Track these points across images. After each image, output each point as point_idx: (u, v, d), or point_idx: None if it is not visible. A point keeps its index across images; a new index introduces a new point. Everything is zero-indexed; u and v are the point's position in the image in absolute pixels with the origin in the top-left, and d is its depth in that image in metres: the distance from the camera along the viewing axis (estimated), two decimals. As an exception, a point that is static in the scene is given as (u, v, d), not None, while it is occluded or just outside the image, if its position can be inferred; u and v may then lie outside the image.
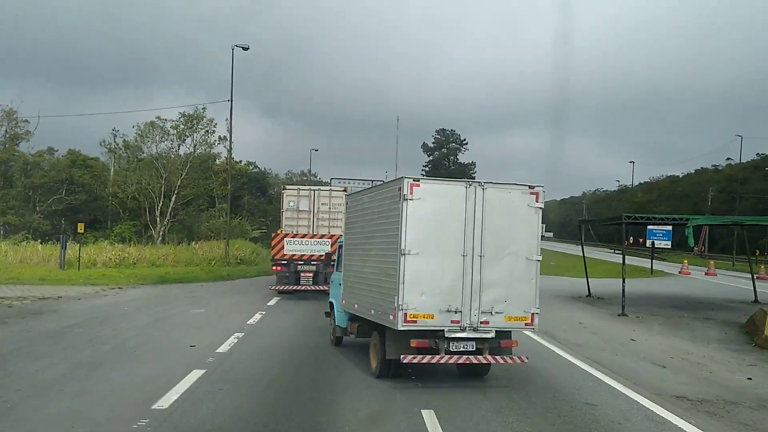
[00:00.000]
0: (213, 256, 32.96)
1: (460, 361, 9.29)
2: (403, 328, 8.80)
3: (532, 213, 9.46)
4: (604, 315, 19.48)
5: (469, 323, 9.04)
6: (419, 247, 8.89)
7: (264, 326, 14.72)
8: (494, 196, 9.25)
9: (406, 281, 8.83)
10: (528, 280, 9.50)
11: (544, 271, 32.13)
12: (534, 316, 9.50)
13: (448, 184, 9.64)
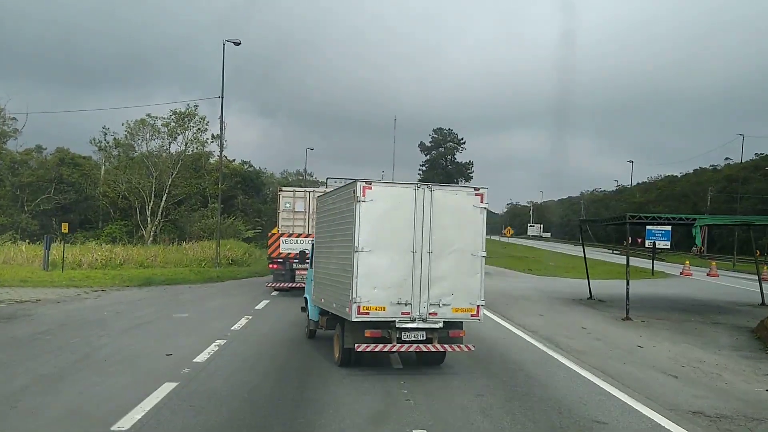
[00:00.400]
0: (203, 257, 32.08)
1: (411, 350, 10.02)
2: (357, 319, 9.58)
3: (477, 213, 10.14)
4: (608, 319, 18.64)
5: (419, 314, 9.81)
6: (372, 244, 9.64)
7: (248, 332, 13.84)
8: (441, 197, 10.03)
9: (360, 276, 9.56)
10: (474, 274, 10.26)
11: (544, 273, 31.32)
12: (479, 308, 10.36)
13: (398, 187, 10.30)
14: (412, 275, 9.78)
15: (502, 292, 25.49)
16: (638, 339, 14.97)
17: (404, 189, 10.08)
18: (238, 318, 15.55)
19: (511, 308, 20.13)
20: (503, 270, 41.77)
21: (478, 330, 15.22)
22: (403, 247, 9.80)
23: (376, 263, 9.67)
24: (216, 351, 11.47)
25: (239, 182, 52.75)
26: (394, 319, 9.72)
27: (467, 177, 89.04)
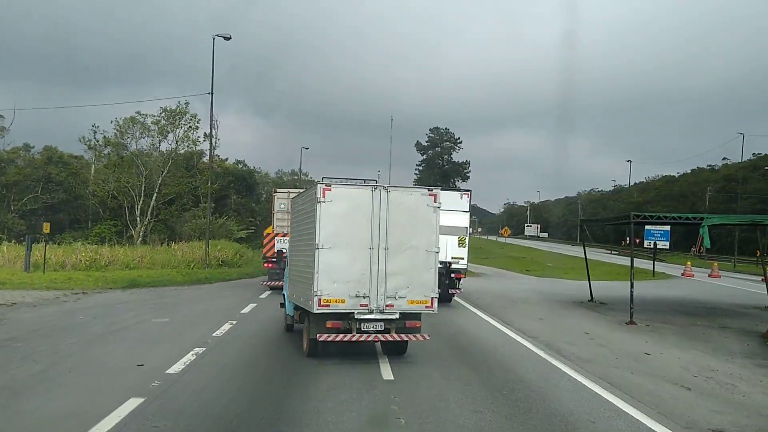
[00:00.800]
0: (193, 258, 31.17)
1: (369, 339, 10.67)
2: (318, 311, 10.30)
3: (430, 212, 10.87)
4: (611, 323, 17.81)
5: (376, 306, 10.48)
6: (332, 242, 10.36)
7: (230, 339, 12.96)
8: (397, 197, 10.72)
9: (320, 271, 10.28)
10: (428, 269, 10.76)
11: (542, 274, 30.48)
12: (433, 300, 10.79)
13: (356, 188, 10.89)
14: (370, 270, 10.48)
15: (500, 295, 24.68)
16: (644, 345, 14.14)
17: (362, 190, 10.78)
18: (222, 323, 14.67)
19: (510, 312, 19.30)
20: (501, 271, 41.00)
21: (475, 336, 14.45)
22: (362, 244, 10.49)
23: (336, 259, 10.39)
24: (192, 361, 10.60)
25: (232, 182, 51.80)
26: (353, 311, 10.44)
27: (464, 177, 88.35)
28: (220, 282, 26.47)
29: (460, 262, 19.87)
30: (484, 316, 18.09)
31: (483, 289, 26.95)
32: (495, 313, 18.84)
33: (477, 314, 18.51)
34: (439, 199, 11.02)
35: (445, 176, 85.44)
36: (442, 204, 18.97)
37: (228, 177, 51.67)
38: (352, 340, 10.55)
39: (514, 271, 41.18)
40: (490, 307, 20.37)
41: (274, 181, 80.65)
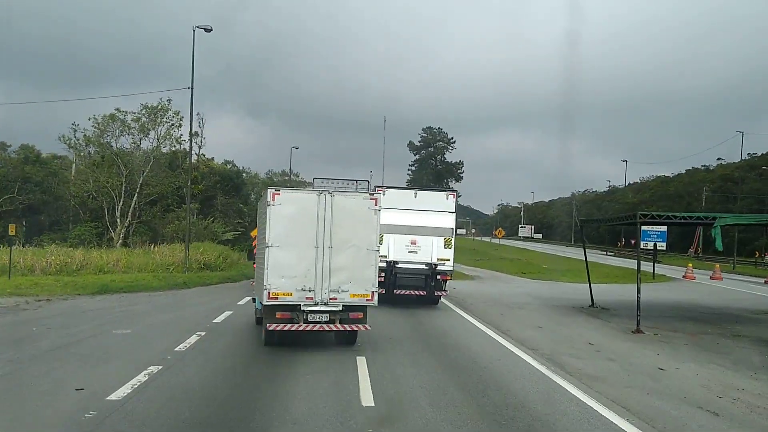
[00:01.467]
0: (173, 261, 29.62)
1: (315, 329, 11.65)
2: (268, 303, 11.45)
3: (371, 214, 11.86)
4: (616, 331, 16.44)
5: (321, 299, 11.55)
6: (280, 241, 11.51)
7: (194, 355, 11.50)
8: (341, 201, 11.75)
9: (270, 267, 11.43)
10: (369, 265, 11.80)
11: (538, 276, 29.03)
12: (373, 294, 11.80)
13: (303, 193, 12.59)
14: (315, 266, 11.53)
15: (496, 300, 23.29)
16: (657, 358, 12.77)
17: (309, 194, 12.01)
18: (189, 335, 13.21)
19: (506, 319, 17.92)
20: (495, 273, 39.62)
21: (469, 348, 13.03)
22: (308, 243, 11.54)
23: (284, 257, 11.50)
24: (142, 384, 9.14)
25: (219, 182, 50.22)
26: (299, 303, 11.50)
27: (457, 177, 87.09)
28: (199, 287, 24.97)
29: (446, 263, 19.09)
30: (478, 324, 16.68)
31: (477, 293, 25.56)
32: (490, 320, 17.45)
33: (471, 322, 17.11)
34: (380, 203, 12.05)
35: (438, 176, 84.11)
36: (428, 205, 18.93)
37: (214, 177, 50.10)
38: (299, 329, 11.58)
39: (510, 273, 39.81)
40: (485, 313, 18.98)
41: (263, 181, 79.24)
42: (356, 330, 12.08)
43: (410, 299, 19.81)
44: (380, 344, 12.98)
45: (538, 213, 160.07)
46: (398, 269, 18.89)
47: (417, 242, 18.81)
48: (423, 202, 19.06)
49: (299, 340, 12.53)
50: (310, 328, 11.59)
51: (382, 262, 18.33)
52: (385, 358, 11.64)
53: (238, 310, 17.83)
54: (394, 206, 18.47)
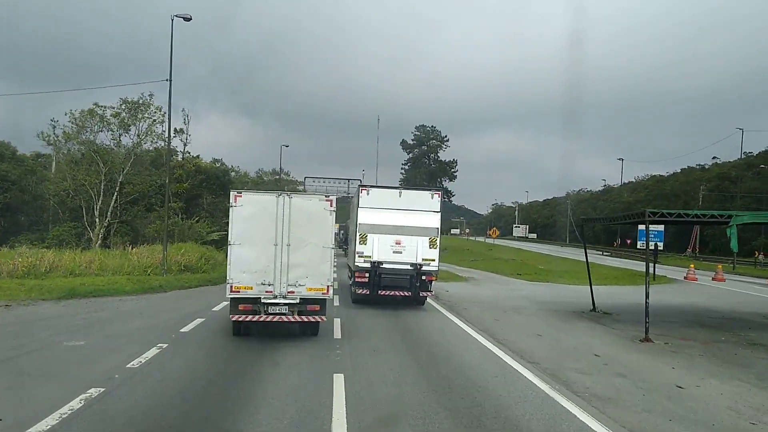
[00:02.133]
0: (151, 263, 28.10)
1: (275, 320, 12.58)
2: (230, 296, 12.53)
3: (327, 215, 12.78)
4: (622, 340, 15.06)
5: (280, 293, 12.53)
6: (241, 239, 12.51)
7: (146, 373, 10.04)
8: (298, 202, 12.74)
9: (232, 263, 12.50)
10: (324, 262, 12.69)
11: (535, 277, 27.62)
12: (329, 288, 12.73)
13: (264, 195, 13.13)
14: (274, 262, 12.50)
15: (491, 303, 21.90)
16: (672, 373, 11.40)
17: (268, 196, 12.90)
18: (148, 347, 11.79)
19: (503, 326, 16.54)
20: (490, 275, 38.24)
21: (462, 362, 11.59)
22: (267, 241, 12.50)
23: (245, 253, 12.46)
24: (74, 411, 7.71)
25: (204, 180, 48.71)
26: (260, 296, 12.49)
27: (451, 176, 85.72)
28: (176, 290, 23.51)
29: (431, 263, 18.63)
30: (472, 332, 15.28)
31: (471, 296, 24.18)
32: (485, 327, 16.07)
33: (464, 329, 15.70)
34: (334, 204, 13.01)
35: (431, 175, 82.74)
36: (413, 204, 18.61)
37: (200, 175, 48.59)
38: (260, 320, 12.63)
39: (505, 274, 38.44)
40: (480, 319, 17.60)
41: (253, 180, 77.81)
42: (317, 321, 12.98)
43: (396, 300, 19.33)
44: (362, 357, 11.58)
45: (532, 213, 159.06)
46: (383, 269, 18.46)
47: (402, 242, 18.42)
48: (408, 202, 18.66)
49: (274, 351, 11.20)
50: (270, 319, 12.65)
51: (367, 262, 18.47)
52: (366, 375, 10.23)
53: (212, 317, 16.39)
54: (379, 206, 18.53)
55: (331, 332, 14.25)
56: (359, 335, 14.21)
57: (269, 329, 13.51)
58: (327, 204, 12.93)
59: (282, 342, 12.90)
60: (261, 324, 12.92)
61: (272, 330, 13.57)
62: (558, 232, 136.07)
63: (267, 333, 13.59)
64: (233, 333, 13.19)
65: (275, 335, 13.55)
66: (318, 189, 76.01)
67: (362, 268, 18.50)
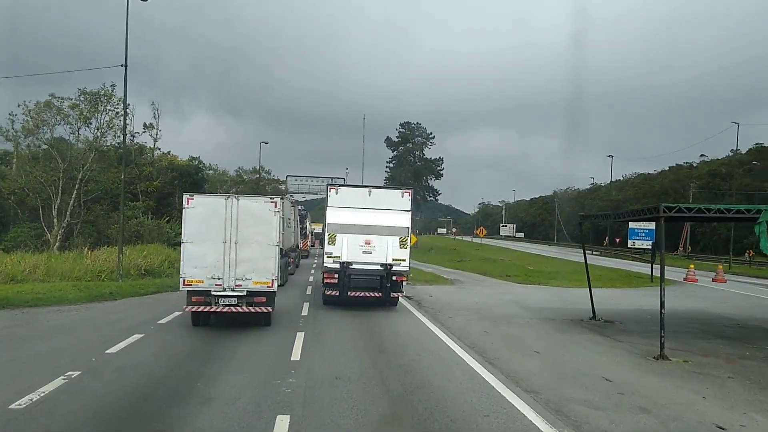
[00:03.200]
0: (108, 267, 25.63)
1: (224, 311, 13.98)
2: (183, 289, 13.95)
3: (271, 215, 14.05)
4: (634, 358, 12.83)
5: (228, 286, 13.89)
6: (193, 238, 13.81)
7: (35, 416, 7.68)
8: (245, 204, 14.04)
9: (185, 259, 13.83)
10: (269, 258, 14.02)
11: (524, 279, 25.21)
12: (273, 281, 14.03)
13: (213, 197, 14.82)
14: (224, 258, 13.78)
15: (479, 311, 19.67)
16: (705, 405, 9.17)
17: (218, 198, 14.33)
18: (53, 377, 9.43)
19: (493, 340, 14.30)
20: (478, 276, 36.02)
21: (444, 395, 9.15)
22: (217, 239, 13.77)
23: (196, 250, 13.73)
24: None
25: (176, 178, 46.18)
26: (210, 289, 13.81)
27: (437, 174, 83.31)
28: (128, 298, 21.02)
29: (402, 264, 18.33)
30: (458, 349, 13.01)
31: (457, 301, 21.94)
32: (473, 341, 13.83)
33: (449, 346, 13.42)
34: (279, 206, 14.14)
35: (417, 173, 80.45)
36: (383, 203, 18.29)
37: (172, 173, 46.04)
38: (212, 310, 13.85)
39: (493, 276, 36.26)
40: (466, 331, 15.37)
41: (233, 179, 75.30)
42: (265, 312, 14.17)
43: (368, 302, 18.73)
44: (320, 389, 9.24)
45: (519, 212, 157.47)
46: (352, 270, 18.13)
47: (371, 242, 18.14)
48: (377, 201, 18.37)
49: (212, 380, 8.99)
50: (221, 310, 13.84)
51: (336, 263, 18.15)
52: (320, 417, 7.91)
53: (154, 332, 14.02)
54: (347, 205, 18.24)
55: (290, 351, 11.96)
56: (322, 355, 11.91)
57: (225, 323, 14.90)
58: (272, 205, 14.09)
59: (225, 367, 10.58)
60: (220, 317, 14.76)
61: (227, 324, 14.85)
62: (546, 231, 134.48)
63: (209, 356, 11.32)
64: (192, 323, 14.52)
65: (219, 358, 11.26)
66: (300, 187, 73.63)
67: (331, 268, 18.19)
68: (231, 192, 76.79)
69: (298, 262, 36.07)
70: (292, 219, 32.10)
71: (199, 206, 13.82)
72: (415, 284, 29.04)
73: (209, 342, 12.92)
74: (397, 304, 19.47)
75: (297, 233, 36.10)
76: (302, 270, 36.21)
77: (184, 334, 13.92)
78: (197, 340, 13.24)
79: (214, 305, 13.79)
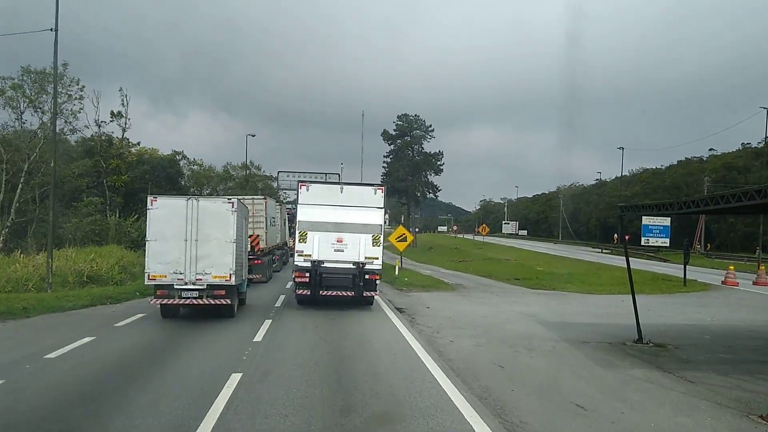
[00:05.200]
0: (38, 274, 21.35)
1: (187, 303, 15.18)
2: (148, 283, 15.22)
3: (228, 215, 15.28)
4: (731, 416, 8.46)
5: (190, 280, 14.94)
6: (157, 236, 14.98)
7: None
8: (204, 204, 15.31)
9: (149, 256, 15.00)
10: (227, 254, 15.17)
11: (536, 283, 18.24)
12: (231, 275, 15.14)
13: (175, 199, 15.85)
14: (185, 255, 14.89)
15: (488, 328, 15.38)
16: None
17: (179, 200, 15.47)
18: None
19: (513, 381, 9.98)
20: (483, 280, 31.60)
21: None
22: (178, 237, 14.89)
23: (160, 248, 14.91)
24: None
25: (148, 172, 41.87)
26: (173, 284, 14.94)
27: (437, 169, 78.49)
28: (48, 314, 16.74)
29: (375, 262, 18.05)
30: (465, 401, 8.68)
31: (460, 316, 17.63)
32: (486, 386, 9.54)
33: (450, 396, 9.07)
34: (236, 206, 15.40)
35: (416, 168, 75.83)
36: (355, 200, 17.86)
37: (142, 166, 41.73)
38: (175, 303, 15.23)
39: (499, 278, 31.92)
40: (475, 366, 11.06)
41: (219, 175, 71.15)
42: (225, 304, 15.33)
43: (340, 302, 18.29)
44: None
45: (522, 209, 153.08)
46: (323, 269, 17.84)
47: (344, 240, 17.85)
48: (350, 198, 18.04)
49: None
50: (183, 302, 15.21)
51: (307, 261, 17.83)
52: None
53: (45, 367, 9.73)
54: (319, 202, 17.96)
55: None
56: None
57: (193, 316, 15.95)
58: (229, 206, 15.31)
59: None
60: (189, 310, 16.12)
61: (195, 316, 15.87)
62: (549, 228, 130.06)
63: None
64: (162, 316, 15.67)
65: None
66: (292, 183, 69.31)
67: (302, 267, 17.91)
68: (219, 189, 72.74)
69: (286, 259, 35.52)
70: (278, 217, 32.79)
71: (162, 207, 15.05)
72: (410, 291, 24.80)
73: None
74: (373, 303, 19.01)
75: (284, 231, 36.39)
76: (292, 266, 32.38)
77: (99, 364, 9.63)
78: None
79: (177, 298, 14.98)
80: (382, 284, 24.61)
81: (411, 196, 76.45)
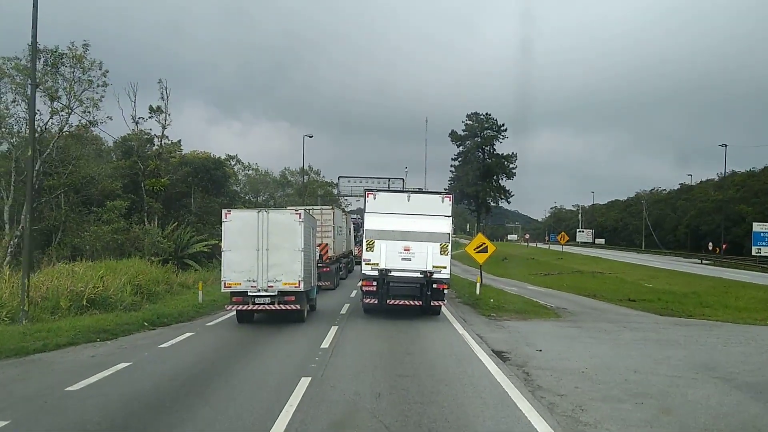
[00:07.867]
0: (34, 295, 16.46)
1: (260, 308, 16.23)
2: (225, 290, 16.34)
3: (296, 225, 16.41)
4: None
5: (262, 287, 16.07)
6: (231, 246, 16.16)
7: None
8: (274, 216, 16.44)
9: (225, 265, 16.21)
10: (295, 262, 16.25)
11: (667, 308, 13.17)
12: (300, 282, 16.20)
13: (247, 212, 17.80)
14: (257, 264, 16.04)
15: (664, 403, 9.25)
16: None
17: (251, 213, 16.99)
18: None
19: None
20: (586, 301, 25.01)
21: None
22: (251, 246, 16.09)
23: (234, 257, 16.08)
24: None
25: (190, 174, 37.31)
26: (246, 291, 16.06)
27: (509, 173, 71.60)
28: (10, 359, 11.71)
29: (443, 271, 17.66)
30: None
31: (600, 371, 11.55)
32: None
33: None
34: (303, 217, 16.47)
35: (487, 172, 69.27)
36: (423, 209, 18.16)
37: (185, 167, 37.22)
38: (250, 309, 16.33)
39: (608, 300, 25.48)
40: None
41: (275, 180, 66.95)
42: (295, 309, 16.38)
43: (408, 312, 18.26)
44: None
45: (598, 216, 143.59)
46: (391, 278, 17.75)
47: (411, 249, 17.77)
48: (417, 206, 17.98)
49: None
50: (257, 308, 16.27)
51: (374, 270, 17.85)
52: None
53: None
54: (386, 211, 18.01)
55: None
56: None
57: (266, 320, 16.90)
58: (296, 217, 16.51)
59: None
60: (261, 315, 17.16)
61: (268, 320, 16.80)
62: (630, 236, 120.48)
63: None
64: (237, 321, 16.89)
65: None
66: (353, 190, 64.24)
67: (369, 276, 17.93)
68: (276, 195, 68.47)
69: (351, 267, 37.33)
70: (344, 227, 33.19)
71: (236, 219, 16.32)
72: (502, 318, 18.92)
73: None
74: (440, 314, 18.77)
75: (350, 240, 37.04)
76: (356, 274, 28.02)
77: None
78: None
79: (251, 304, 16.13)
80: (464, 308, 21.30)
81: (481, 202, 70.03)
